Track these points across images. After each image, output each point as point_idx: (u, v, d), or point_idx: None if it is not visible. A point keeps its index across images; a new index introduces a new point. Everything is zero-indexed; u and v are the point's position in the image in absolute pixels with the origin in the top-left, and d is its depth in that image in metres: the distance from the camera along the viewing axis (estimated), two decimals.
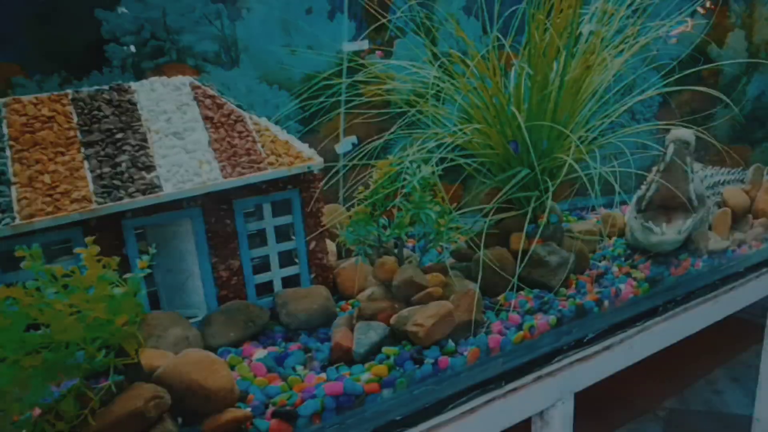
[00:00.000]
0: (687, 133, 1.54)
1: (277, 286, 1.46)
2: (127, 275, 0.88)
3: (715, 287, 1.71)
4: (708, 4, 2.52)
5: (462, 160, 1.49)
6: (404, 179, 1.30)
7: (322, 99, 1.64)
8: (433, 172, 1.37)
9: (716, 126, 2.48)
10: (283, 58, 1.77)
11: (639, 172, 1.46)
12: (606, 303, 1.49)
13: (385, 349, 1.23)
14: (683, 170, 1.56)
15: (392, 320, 1.29)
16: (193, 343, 1.26)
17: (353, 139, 1.90)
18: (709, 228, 1.84)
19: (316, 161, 1.37)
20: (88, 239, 0.87)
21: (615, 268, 1.65)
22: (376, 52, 2.00)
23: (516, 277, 1.41)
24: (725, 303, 1.74)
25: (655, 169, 1.63)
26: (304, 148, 1.37)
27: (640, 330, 1.53)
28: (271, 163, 1.31)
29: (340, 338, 1.26)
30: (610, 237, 1.88)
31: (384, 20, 1.56)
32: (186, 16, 1.59)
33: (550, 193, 1.43)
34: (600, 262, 1.73)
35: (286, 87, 1.79)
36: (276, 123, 1.74)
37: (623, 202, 2.14)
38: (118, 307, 0.86)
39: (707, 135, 1.56)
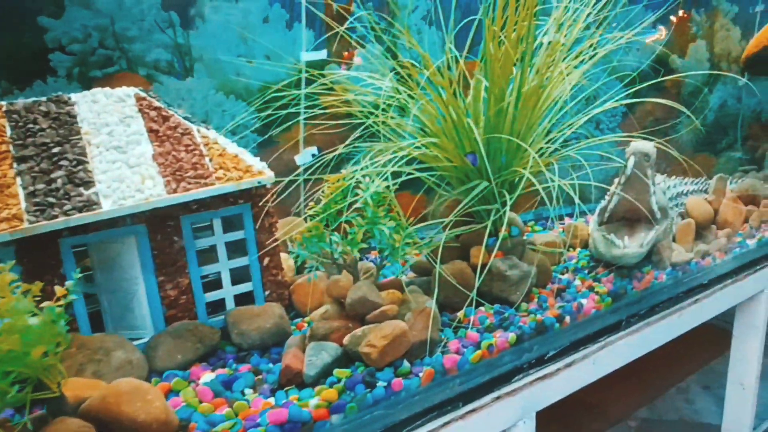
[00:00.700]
0: (647, 146, 1.52)
1: (230, 304, 1.40)
2: (45, 304, 0.82)
3: (679, 300, 1.69)
4: (681, 13, 2.53)
5: (418, 173, 1.45)
6: (356, 194, 1.26)
7: (275, 109, 1.59)
8: (388, 187, 1.33)
9: (680, 135, 2.49)
10: (241, 67, 1.72)
11: (598, 184, 1.44)
12: (567, 318, 1.46)
13: (336, 372, 1.18)
14: (644, 183, 1.54)
15: (345, 340, 1.24)
16: (137, 367, 1.20)
17: (314, 149, 1.86)
18: (673, 239, 1.83)
19: (267, 175, 1.32)
20: (1, 266, 0.81)
21: (578, 282, 1.63)
22: (355, 58, 1.96)
23: (474, 292, 1.37)
24: (690, 315, 1.72)
25: (616, 181, 1.61)
26: (255, 162, 1.32)
27: (603, 345, 1.50)
28: (218, 178, 1.26)
29: (291, 360, 1.21)
30: (574, 248, 1.86)
31: (338, 29, 1.51)
32: (136, 24, 1.54)
33: (508, 206, 1.39)
34: (563, 274, 1.70)
35: (244, 97, 1.74)
36: (233, 133, 1.70)
37: (583, 213, 2.14)
38: (36, 337, 0.81)
39: (668, 146, 1.55)
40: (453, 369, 1.26)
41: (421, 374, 1.21)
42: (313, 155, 1.83)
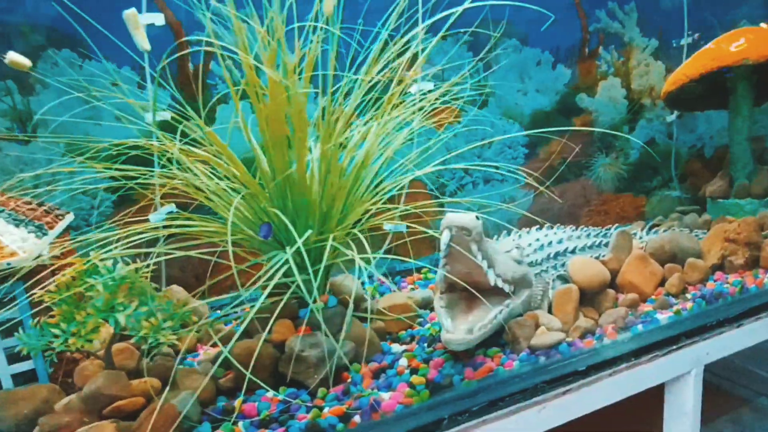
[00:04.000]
0: (465, 218, 1.17)
1: (7, 384, 1.26)
2: None
3: (540, 391, 1.31)
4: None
5: (182, 252, 1.24)
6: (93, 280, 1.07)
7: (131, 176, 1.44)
8: (138, 269, 1.14)
9: (599, 176, 2.07)
10: (90, 129, 1.61)
11: (384, 256, 1.14)
12: (357, 418, 1.15)
13: None
14: (469, 259, 1.21)
15: None
16: None
17: (170, 207, 1.70)
18: (549, 310, 1.44)
19: (20, 256, 1.17)
20: None
21: (404, 360, 1.31)
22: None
23: (248, 372, 1.11)
24: (558, 409, 1.32)
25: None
26: (9, 241, 1.18)
27: None
28: None
29: None
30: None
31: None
32: None
33: (298, 277, 1.14)
34: (406, 343, 1.41)
35: (94, 158, 1.63)
36: (84, 193, 1.60)
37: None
38: None
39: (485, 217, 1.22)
40: None
41: None
42: (170, 213, 1.68)
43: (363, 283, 1.92)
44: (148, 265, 1.15)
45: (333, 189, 1.27)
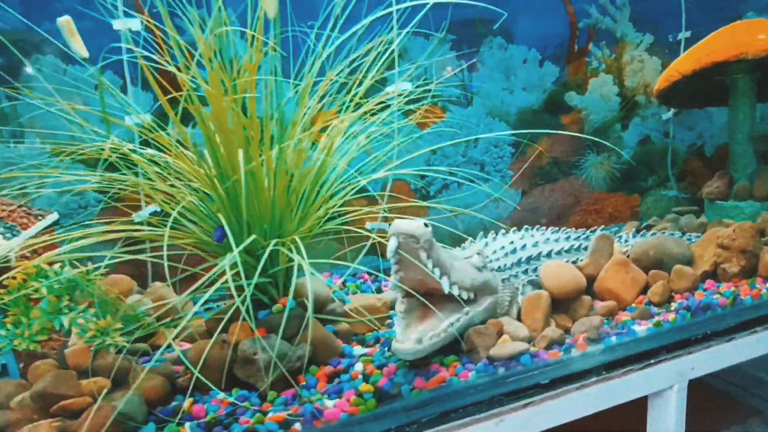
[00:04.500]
0: (413, 225, 1.11)
1: None
2: None
3: (497, 404, 1.25)
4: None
5: (129, 257, 1.24)
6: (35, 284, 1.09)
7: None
8: (89, 272, 1.15)
9: (590, 174, 1.94)
10: (75, 132, 1.65)
11: (335, 261, 1.11)
12: (298, 425, 1.13)
13: None
14: (419, 267, 1.15)
15: None
16: None
17: (155, 207, 1.73)
18: (518, 317, 1.37)
19: None
20: None
21: (360, 365, 1.28)
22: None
23: (197, 371, 1.11)
24: (517, 421, 1.26)
25: None
26: None
27: None
28: None
29: None
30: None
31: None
32: None
33: (246, 274, 1.13)
34: (371, 346, 1.37)
35: (79, 160, 1.66)
36: (79, 194, 1.65)
37: None
38: None
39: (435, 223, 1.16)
40: None
41: None
42: (152, 213, 1.71)
43: (345, 282, 1.89)
44: (98, 268, 1.16)
45: (287, 192, 1.24)
